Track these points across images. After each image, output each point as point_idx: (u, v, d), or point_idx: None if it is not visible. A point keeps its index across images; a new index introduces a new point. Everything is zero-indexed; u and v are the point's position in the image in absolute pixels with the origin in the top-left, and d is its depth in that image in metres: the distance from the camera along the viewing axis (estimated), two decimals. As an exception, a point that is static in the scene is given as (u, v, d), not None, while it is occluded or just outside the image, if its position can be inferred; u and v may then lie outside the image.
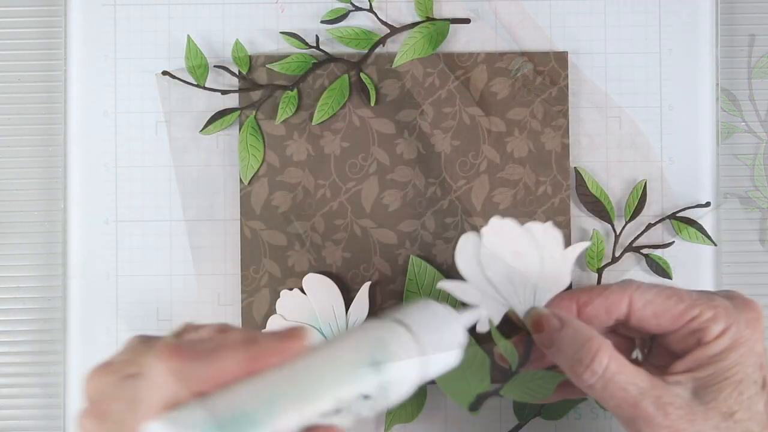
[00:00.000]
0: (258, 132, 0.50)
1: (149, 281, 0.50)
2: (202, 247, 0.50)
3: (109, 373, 0.33)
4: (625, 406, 0.37)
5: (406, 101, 0.50)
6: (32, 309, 0.51)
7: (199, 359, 0.28)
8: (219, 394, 0.28)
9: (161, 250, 0.50)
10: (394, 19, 0.50)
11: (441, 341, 0.32)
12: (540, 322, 0.41)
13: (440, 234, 0.50)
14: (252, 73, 0.50)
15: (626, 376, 0.37)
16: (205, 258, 0.50)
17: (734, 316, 0.38)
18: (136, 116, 0.50)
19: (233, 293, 0.50)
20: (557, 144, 0.50)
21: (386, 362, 0.30)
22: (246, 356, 0.29)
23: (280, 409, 0.27)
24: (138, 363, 0.32)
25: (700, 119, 0.50)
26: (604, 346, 0.38)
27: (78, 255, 0.50)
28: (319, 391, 0.29)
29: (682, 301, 0.39)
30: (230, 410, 0.27)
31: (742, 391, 0.37)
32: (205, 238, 0.50)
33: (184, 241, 0.50)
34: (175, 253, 0.50)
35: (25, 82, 0.51)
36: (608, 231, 0.50)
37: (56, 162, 0.51)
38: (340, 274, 0.49)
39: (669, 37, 0.50)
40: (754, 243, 0.51)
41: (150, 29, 0.50)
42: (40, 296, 0.51)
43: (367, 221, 0.50)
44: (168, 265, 0.50)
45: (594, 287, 0.42)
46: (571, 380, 0.39)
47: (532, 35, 0.50)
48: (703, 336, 0.38)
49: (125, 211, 0.50)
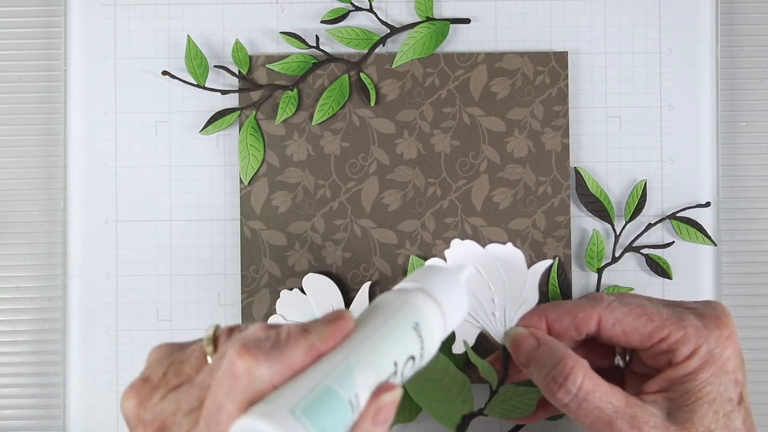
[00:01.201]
0: (258, 132, 0.50)
1: (149, 281, 0.50)
2: (202, 247, 0.50)
3: (153, 390, 0.33)
4: (599, 424, 0.37)
5: (406, 101, 0.50)
6: (32, 309, 0.51)
7: (270, 356, 0.30)
8: (294, 381, 0.30)
9: (161, 250, 0.50)
10: (394, 19, 0.50)
11: (453, 301, 0.36)
12: (518, 341, 0.41)
13: (440, 234, 0.49)
14: (252, 73, 0.50)
15: (600, 394, 0.37)
16: (205, 258, 0.50)
17: (704, 336, 0.38)
18: (136, 116, 0.50)
19: (233, 293, 0.50)
20: (557, 144, 0.50)
21: (423, 325, 0.34)
22: (307, 345, 0.31)
23: (355, 379, 0.30)
24: (182, 372, 0.33)
25: (700, 119, 0.50)
26: (579, 365, 0.38)
27: (78, 255, 0.50)
28: (383, 357, 0.32)
29: (651, 320, 0.39)
30: (313, 390, 0.30)
31: (717, 410, 0.37)
32: (205, 238, 0.50)
33: (184, 241, 0.50)
34: (175, 253, 0.50)
35: (25, 82, 0.51)
36: (608, 231, 0.50)
37: (56, 162, 0.51)
38: (340, 274, 0.49)
39: (669, 37, 0.50)
40: (754, 243, 0.51)
41: (150, 29, 0.50)
42: (40, 296, 0.51)
43: (367, 221, 0.50)
44: (168, 265, 0.50)
45: (563, 303, 0.42)
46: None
47: (532, 35, 0.50)
48: (673, 357, 0.38)
49: (125, 211, 0.50)
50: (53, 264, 0.51)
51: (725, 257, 0.51)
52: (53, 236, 0.51)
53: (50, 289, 0.51)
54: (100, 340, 0.50)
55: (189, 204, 0.50)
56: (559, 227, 0.49)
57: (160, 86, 0.50)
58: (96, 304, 0.50)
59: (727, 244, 0.51)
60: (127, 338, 0.50)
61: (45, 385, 0.51)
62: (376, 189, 0.50)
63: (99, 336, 0.50)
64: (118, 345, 0.50)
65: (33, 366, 0.51)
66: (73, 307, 0.50)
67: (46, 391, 0.51)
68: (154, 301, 0.50)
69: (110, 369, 0.50)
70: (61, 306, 0.51)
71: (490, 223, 0.49)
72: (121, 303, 0.50)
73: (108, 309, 0.50)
